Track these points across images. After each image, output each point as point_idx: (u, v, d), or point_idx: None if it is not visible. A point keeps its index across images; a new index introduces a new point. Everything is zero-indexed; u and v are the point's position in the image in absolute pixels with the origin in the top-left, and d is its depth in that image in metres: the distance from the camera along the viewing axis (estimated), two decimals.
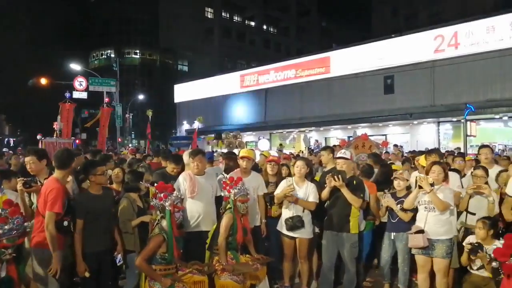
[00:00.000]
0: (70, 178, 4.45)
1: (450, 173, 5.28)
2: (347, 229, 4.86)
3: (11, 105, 50.71)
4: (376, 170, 6.48)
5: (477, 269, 4.28)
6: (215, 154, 11.11)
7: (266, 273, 4.58)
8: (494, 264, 3.33)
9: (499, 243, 3.88)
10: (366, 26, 52.66)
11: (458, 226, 5.00)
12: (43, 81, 25.73)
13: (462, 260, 4.44)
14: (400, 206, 4.98)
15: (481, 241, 4.20)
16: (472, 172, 5.23)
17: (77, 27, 68.71)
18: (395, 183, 5.18)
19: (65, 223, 3.95)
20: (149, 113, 15.69)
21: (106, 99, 24.22)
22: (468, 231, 4.79)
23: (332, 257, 4.99)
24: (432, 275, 4.76)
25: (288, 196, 4.96)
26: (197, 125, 15.83)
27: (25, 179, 4.14)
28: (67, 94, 17.40)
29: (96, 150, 11.50)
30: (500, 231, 4.34)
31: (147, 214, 4.64)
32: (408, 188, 5.20)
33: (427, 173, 4.70)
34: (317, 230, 5.32)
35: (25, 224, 3.46)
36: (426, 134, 21.06)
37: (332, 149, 6.14)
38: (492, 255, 3.40)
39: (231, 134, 13.19)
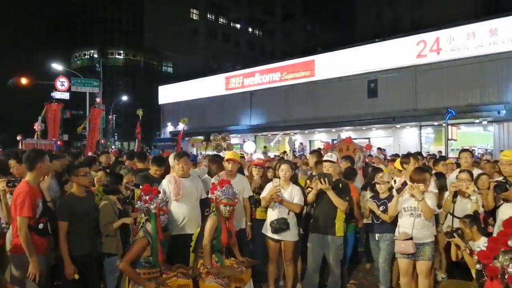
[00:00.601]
0: (46, 177, 4.30)
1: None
2: (333, 232, 4.88)
3: None
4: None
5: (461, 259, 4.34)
6: (199, 156, 11.07)
7: (251, 276, 4.56)
8: (477, 266, 3.38)
9: (483, 244, 3.92)
10: (350, 30, 53.24)
11: (445, 230, 5.08)
12: (24, 81, 25.18)
13: (451, 255, 4.52)
14: (383, 207, 5.08)
15: (470, 239, 4.26)
16: (457, 176, 5.40)
17: (59, 27, 67.58)
18: (377, 186, 5.28)
19: (41, 225, 3.79)
20: (140, 112, 15.31)
21: (97, 99, 23.64)
22: None
23: (317, 260, 5.00)
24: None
25: (274, 196, 4.95)
26: (181, 127, 15.69)
27: (7, 179, 4.01)
28: (53, 95, 16.91)
29: (76, 152, 11.34)
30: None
31: (128, 216, 4.58)
32: (391, 189, 5.26)
33: (414, 181, 4.71)
34: (301, 231, 5.34)
35: (3, 225, 3.39)
36: (408, 138, 21.34)
37: (320, 153, 6.17)
38: (476, 257, 3.45)
39: (220, 136, 13.08)
